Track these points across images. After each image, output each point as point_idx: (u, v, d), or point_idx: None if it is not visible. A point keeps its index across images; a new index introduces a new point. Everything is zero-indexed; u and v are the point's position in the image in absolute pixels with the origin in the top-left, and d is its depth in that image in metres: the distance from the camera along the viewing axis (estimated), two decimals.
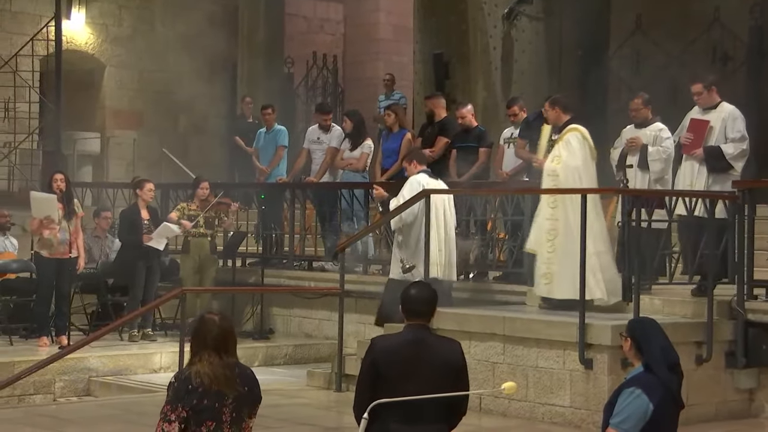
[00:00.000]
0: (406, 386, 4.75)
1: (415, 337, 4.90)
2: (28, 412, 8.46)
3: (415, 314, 4.95)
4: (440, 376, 4.86)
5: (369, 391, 4.81)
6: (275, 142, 12.68)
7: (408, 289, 5.03)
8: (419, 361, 4.84)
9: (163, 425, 4.79)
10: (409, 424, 4.78)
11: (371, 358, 4.89)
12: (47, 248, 10.53)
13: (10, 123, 14.32)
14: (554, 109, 8.69)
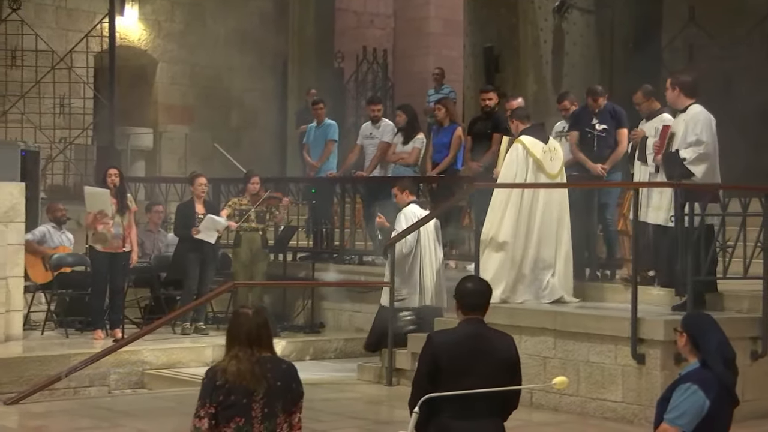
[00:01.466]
0: (465, 381, 4.74)
1: (474, 332, 4.89)
2: (84, 404, 8.58)
3: (472, 308, 4.94)
4: (497, 371, 4.86)
5: (427, 386, 4.80)
6: (325, 136, 12.72)
7: (464, 282, 5.02)
8: (478, 355, 4.83)
9: (194, 421, 4.83)
10: (464, 419, 4.77)
11: (431, 353, 4.88)
12: (101, 242, 10.66)
13: (65, 119, 14.50)
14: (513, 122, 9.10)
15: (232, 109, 16.69)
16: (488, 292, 5.02)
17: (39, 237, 11.42)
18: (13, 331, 10.31)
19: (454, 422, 4.74)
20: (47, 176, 14.25)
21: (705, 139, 8.02)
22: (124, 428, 7.60)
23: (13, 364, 9.30)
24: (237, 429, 4.84)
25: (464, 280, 5.05)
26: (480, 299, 4.96)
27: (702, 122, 8.07)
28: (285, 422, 4.95)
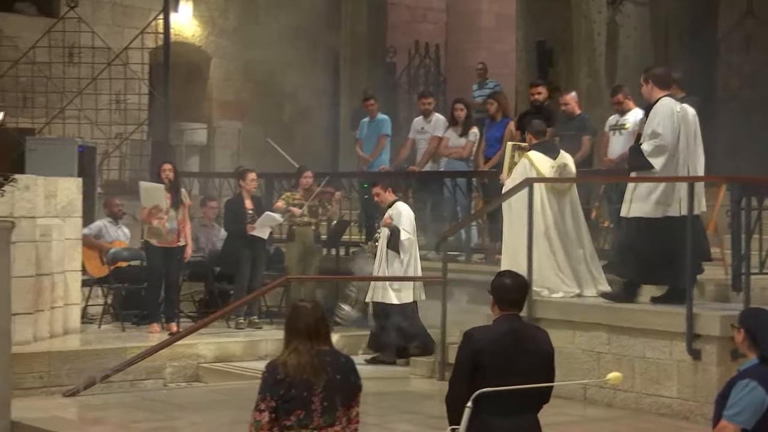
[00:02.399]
0: (506, 378, 4.72)
1: (512, 328, 4.88)
2: (141, 397, 8.69)
3: (509, 303, 4.92)
4: (537, 366, 4.85)
5: (466, 383, 4.79)
6: (378, 131, 12.74)
7: (501, 278, 5.00)
8: (518, 351, 4.82)
9: (255, 414, 4.87)
10: (506, 417, 4.75)
11: (470, 350, 4.86)
12: (156, 237, 10.78)
13: (121, 115, 14.66)
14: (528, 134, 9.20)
15: (285, 104, 16.77)
16: (525, 288, 5.01)
17: (96, 231, 11.58)
18: (71, 325, 10.47)
19: (495, 420, 4.71)
20: (104, 171, 14.41)
21: (661, 131, 7.98)
22: (179, 421, 7.68)
23: (71, 356, 9.45)
24: (297, 422, 4.87)
25: (500, 275, 5.03)
26: (518, 295, 4.94)
27: (660, 114, 8.02)
28: (344, 416, 4.98)
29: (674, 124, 8.03)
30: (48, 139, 13.02)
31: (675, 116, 8.05)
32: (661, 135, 8.00)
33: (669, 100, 8.12)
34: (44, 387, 9.13)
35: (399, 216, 9.92)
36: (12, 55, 13.83)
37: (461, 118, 11.73)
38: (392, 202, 10.03)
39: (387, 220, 9.91)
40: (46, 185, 10.17)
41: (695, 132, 8.17)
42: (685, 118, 8.10)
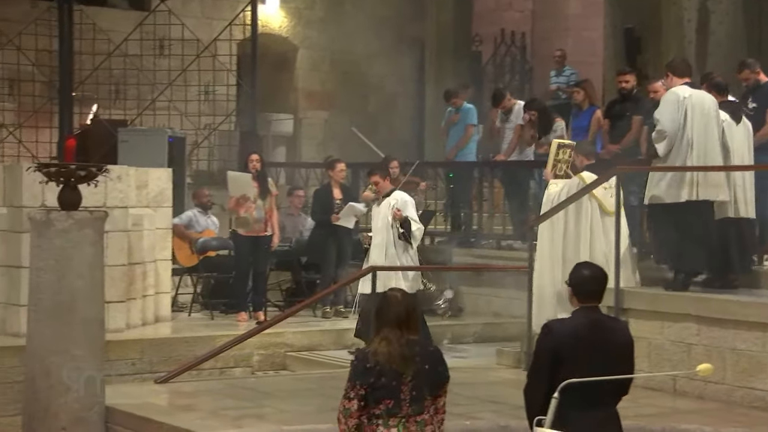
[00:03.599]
0: (585, 370, 4.69)
1: (592, 320, 4.84)
2: (229, 384, 8.81)
3: (589, 295, 4.88)
4: (616, 358, 4.81)
5: (545, 375, 4.76)
6: (464, 121, 12.70)
7: (580, 270, 4.96)
8: (598, 343, 4.78)
9: (344, 401, 4.91)
10: (586, 409, 4.71)
11: (550, 342, 4.84)
12: (243, 226, 10.91)
13: (209, 105, 14.86)
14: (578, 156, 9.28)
15: (371, 94, 16.82)
16: (605, 279, 4.96)
17: (186, 221, 11.77)
18: (162, 313, 10.66)
19: (576, 412, 4.67)
20: (193, 162, 14.63)
21: (662, 118, 8.30)
22: (267, 409, 7.77)
23: (163, 344, 9.63)
24: (386, 411, 4.91)
25: (579, 267, 4.98)
26: (597, 286, 4.90)
27: (665, 102, 8.38)
28: (432, 405, 5.00)
29: (677, 111, 8.28)
30: (139, 130, 13.27)
31: (679, 103, 8.30)
32: (660, 121, 8.33)
33: (678, 88, 8.39)
34: (136, 374, 9.33)
35: (405, 205, 9.75)
36: (105, 48, 14.11)
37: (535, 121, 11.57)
38: (391, 190, 9.89)
39: (397, 213, 9.63)
40: (138, 176, 10.37)
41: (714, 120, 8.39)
42: (697, 105, 8.31)
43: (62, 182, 7.60)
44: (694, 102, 8.33)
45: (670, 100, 8.38)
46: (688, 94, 8.35)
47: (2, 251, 9.59)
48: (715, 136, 8.42)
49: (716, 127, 8.45)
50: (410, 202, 9.89)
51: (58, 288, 7.46)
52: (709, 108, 8.41)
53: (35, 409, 7.46)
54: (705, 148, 8.36)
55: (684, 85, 8.44)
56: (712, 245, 8.37)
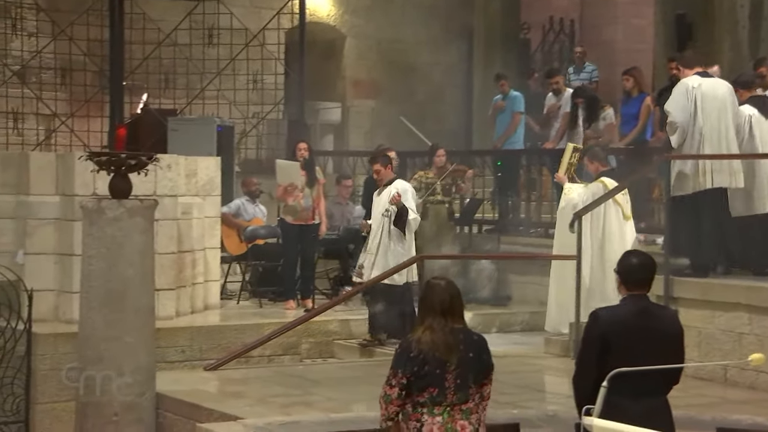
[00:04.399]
0: (634, 358, 4.66)
1: (641, 308, 4.82)
2: (278, 372, 8.87)
3: (638, 283, 4.86)
4: (666, 347, 4.78)
5: (595, 364, 4.74)
6: (511, 108, 12.66)
7: (628, 257, 4.93)
8: (647, 332, 4.75)
9: (385, 388, 4.93)
10: (636, 398, 4.68)
11: (599, 330, 4.82)
12: (291, 214, 10.97)
13: (258, 94, 14.92)
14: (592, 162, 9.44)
15: (418, 82, 16.79)
16: (653, 267, 4.93)
17: (234, 209, 11.85)
18: (211, 301, 10.76)
19: (627, 401, 4.65)
20: (241, 150, 14.71)
21: (672, 110, 8.44)
22: (314, 396, 7.83)
23: (212, 332, 9.72)
24: (430, 399, 4.92)
25: (628, 255, 4.96)
26: (646, 274, 4.87)
27: (675, 93, 8.54)
28: (476, 393, 5.00)
29: (687, 101, 8.39)
30: (188, 119, 13.37)
31: (689, 93, 8.41)
32: (671, 113, 8.45)
33: (688, 78, 8.51)
34: (186, 360, 9.43)
35: (405, 194, 9.71)
36: (155, 38, 14.22)
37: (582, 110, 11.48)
38: (393, 179, 9.85)
39: (396, 197, 9.60)
40: (187, 164, 10.45)
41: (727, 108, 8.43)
42: (708, 94, 8.37)
43: (113, 171, 7.69)
44: (704, 91, 8.37)
45: (680, 91, 8.49)
46: (698, 83, 8.41)
47: (55, 239, 9.73)
48: (730, 124, 8.43)
49: (731, 114, 8.46)
50: (411, 191, 9.88)
51: (110, 276, 7.56)
52: (723, 95, 8.44)
53: (88, 395, 7.57)
54: (718, 137, 8.39)
55: (695, 75, 8.50)
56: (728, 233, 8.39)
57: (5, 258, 9.60)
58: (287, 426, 6.51)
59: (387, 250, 9.67)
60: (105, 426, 7.49)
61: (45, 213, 9.77)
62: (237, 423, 6.66)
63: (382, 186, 9.89)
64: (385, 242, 9.67)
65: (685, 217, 8.46)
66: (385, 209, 9.69)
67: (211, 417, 7.07)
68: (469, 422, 4.98)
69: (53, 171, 9.87)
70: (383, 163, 9.89)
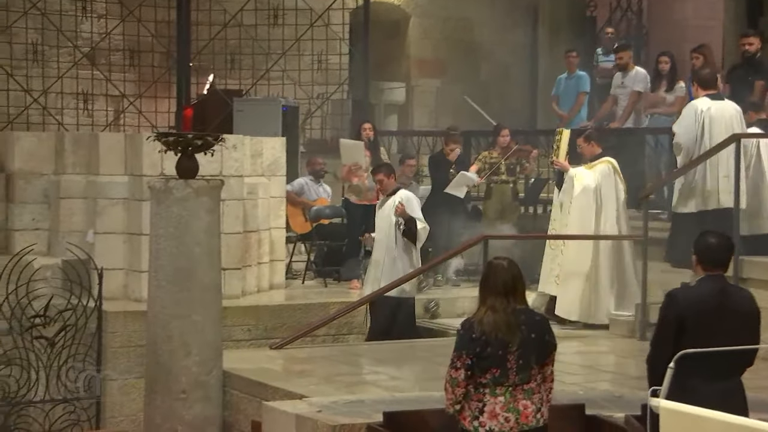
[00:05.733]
0: (710, 339, 4.62)
1: (717, 288, 4.77)
2: (343, 351, 8.93)
3: (714, 263, 4.81)
4: (742, 327, 4.73)
5: (671, 344, 4.71)
6: (576, 88, 12.55)
7: (705, 238, 4.88)
8: (723, 312, 4.71)
9: (451, 371, 4.94)
10: (711, 380, 4.64)
11: (675, 311, 4.78)
12: (356, 194, 11.01)
13: (322, 74, 14.96)
14: (588, 144, 9.54)
15: (482, 62, 16.70)
16: (731, 247, 4.87)
17: (298, 189, 11.92)
18: (276, 280, 10.85)
19: (700, 383, 4.61)
20: (306, 131, 14.77)
21: (678, 131, 8.90)
22: (379, 375, 7.87)
23: (278, 311, 9.80)
24: (493, 380, 4.93)
25: (705, 235, 4.90)
26: (723, 254, 4.82)
27: (683, 115, 8.97)
28: (539, 374, 5.00)
29: (694, 123, 8.80)
30: (254, 99, 13.44)
31: (697, 116, 8.81)
32: (677, 134, 8.90)
33: (699, 100, 8.90)
34: (252, 339, 9.53)
35: (410, 203, 9.40)
36: (221, 19, 14.31)
37: (665, 72, 11.39)
38: (396, 189, 9.57)
39: (400, 207, 9.27)
40: (253, 144, 10.54)
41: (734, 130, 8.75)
42: (716, 117, 8.77)
43: (180, 151, 7.78)
44: (713, 113, 8.79)
45: (688, 113, 8.88)
46: (707, 106, 8.80)
47: (124, 219, 9.88)
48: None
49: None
50: (416, 200, 9.60)
51: (177, 254, 7.66)
52: (731, 117, 8.83)
53: (157, 372, 7.70)
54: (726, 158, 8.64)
55: (706, 96, 8.85)
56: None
57: (76, 237, 9.79)
58: (352, 404, 6.56)
59: (395, 263, 9.35)
60: (173, 403, 7.61)
61: (114, 193, 9.93)
62: (302, 401, 6.72)
63: (386, 196, 9.60)
64: (392, 253, 9.37)
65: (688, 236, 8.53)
66: (395, 222, 9.37)
67: (276, 395, 7.14)
68: (531, 402, 4.98)
69: (122, 151, 10.02)
70: (386, 173, 9.62)
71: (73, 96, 13.92)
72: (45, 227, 10.26)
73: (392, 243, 9.40)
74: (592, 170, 9.53)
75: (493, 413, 4.95)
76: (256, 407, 7.23)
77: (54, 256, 9.91)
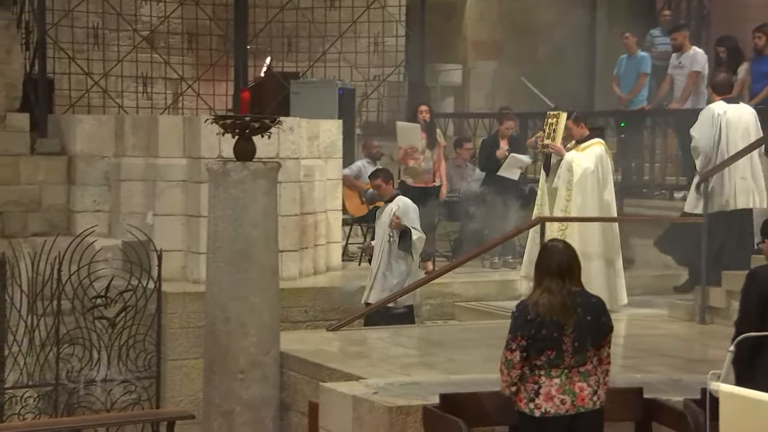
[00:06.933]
0: None
1: None
2: (398, 333, 8.94)
3: None
4: None
5: (756, 323, 4.66)
6: (637, 69, 12.42)
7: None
8: None
9: (506, 353, 4.94)
10: None
11: (758, 290, 4.74)
12: (412, 177, 11.01)
13: (378, 57, 14.95)
14: (578, 126, 9.47)
15: (539, 43, 16.57)
16: None
17: (355, 172, 11.94)
18: (332, 262, 10.90)
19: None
20: (362, 113, 14.79)
21: (696, 135, 8.96)
22: (435, 357, 7.88)
23: (334, 293, 9.85)
24: (548, 361, 4.92)
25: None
26: None
27: (699, 119, 9.04)
28: (595, 356, 4.98)
29: (712, 127, 8.90)
30: (310, 82, 13.49)
31: (714, 120, 8.91)
32: (695, 138, 8.97)
33: (716, 104, 9.03)
34: (309, 321, 9.60)
35: (406, 212, 9.16)
36: (278, 2, 14.35)
37: (723, 59, 11.22)
38: (394, 195, 9.35)
39: (395, 221, 9.04)
40: (309, 127, 10.58)
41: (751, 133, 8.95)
42: (733, 120, 8.89)
43: (237, 134, 7.84)
44: (729, 117, 8.90)
45: (706, 117, 9.00)
46: (723, 110, 8.92)
47: (182, 201, 9.99)
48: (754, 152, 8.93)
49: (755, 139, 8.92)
50: (413, 207, 9.30)
51: (235, 236, 7.73)
52: (748, 121, 8.99)
53: (215, 352, 7.79)
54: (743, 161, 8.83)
55: (722, 101, 8.96)
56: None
57: (136, 219, 9.92)
58: (408, 386, 6.58)
59: (390, 273, 9.15)
60: (231, 383, 7.70)
61: (173, 175, 10.03)
62: (359, 383, 6.75)
63: (384, 204, 9.39)
64: (385, 262, 9.17)
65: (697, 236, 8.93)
66: (388, 234, 9.13)
67: (333, 376, 7.19)
68: (587, 384, 4.96)
69: (180, 134, 10.12)
70: (384, 179, 9.36)
71: (132, 79, 14.07)
72: (105, 209, 10.41)
73: (386, 252, 9.16)
74: (586, 153, 9.45)
75: (549, 395, 4.94)
76: (314, 388, 7.28)
77: (114, 237, 10.06)
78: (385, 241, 9.20)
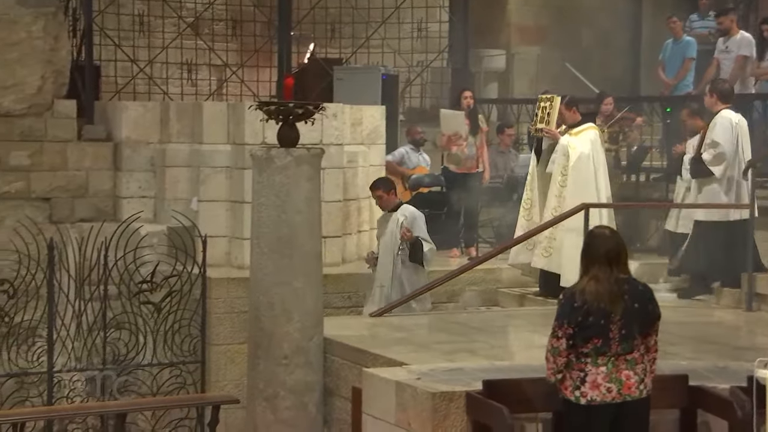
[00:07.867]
0: None
1: None
2: (441, 319, 8.96)
3: None
4: None
5: None
6: (683, 53, 12.30)
7: None
8: None
9: (552, 340, 4.92)
10: None
11: None
12: (455, 163, 10.99)
13: (422, 42, 14.92)
14: (571, 110, 9.49)
15: (584, 28, 16.44)
16: None
17: (399, 158, 11.95)
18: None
19: None
20: (405, 99, 14.77)
21: (720, 141, 8.93)
22: (477, 343, 7.87)
23: None
24: (594, 349, 4.90)
25: None
26: None
27: (719, 125, 9.00)
28: (642, 344, 4.95)
29: (732, 134, 8.98)
30: (354, 68, 13.49)
31: (733, 127, 9.00)
32: (720, 144, 8.95)
33: (728, 112, 9.05)
34: (352, 306, 9.63)
35: (414, 223, 8.96)
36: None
37: None
38: (397, 205, 9.17)
39: (405, 233, 8.82)
40: (352, 113, 10.58)
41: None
42: (744, 128, 9.11)
43: (281, 120, 7.86)
44: (742, 125, 9.10)
45: (726, 124, 9.02)
46: (738, 118, 9.07)
47: (227, 187, 10.04)
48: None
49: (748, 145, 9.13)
50: (420, 217, 9.10)
51: (279, 222, 7.76)
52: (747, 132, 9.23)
53: (260, 337, 7.84)
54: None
55: (728, 108, 9.05)
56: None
57: (181, 205, 10.00)
58: (451, 372, 6.58)
59: (401, 283, 8.96)
60: (275, 368, 7.74)
61: (217, 161, 10.09)
62: (402, 368, 6.77)
63: (387, 212, 9.19)
64: (398, 274, 8.95)
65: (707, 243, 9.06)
66: (398, 247, 8.90)
67: (376, 362, 7.21)
68: (634, 372, 4.94)
69: (224, 120, 10.17)
70: (386, 189, 9.16)
71: (177, 66, 14.16)
72: (151, 195, 10.49)
73: (398, 265, 8.96)
74: (580, 137, 9.39)
75: (595, 383, 4.92)
76: (357, 374, 7.31)
77: (160, 223, 10.14)
78: (394, 254, 8.97)
